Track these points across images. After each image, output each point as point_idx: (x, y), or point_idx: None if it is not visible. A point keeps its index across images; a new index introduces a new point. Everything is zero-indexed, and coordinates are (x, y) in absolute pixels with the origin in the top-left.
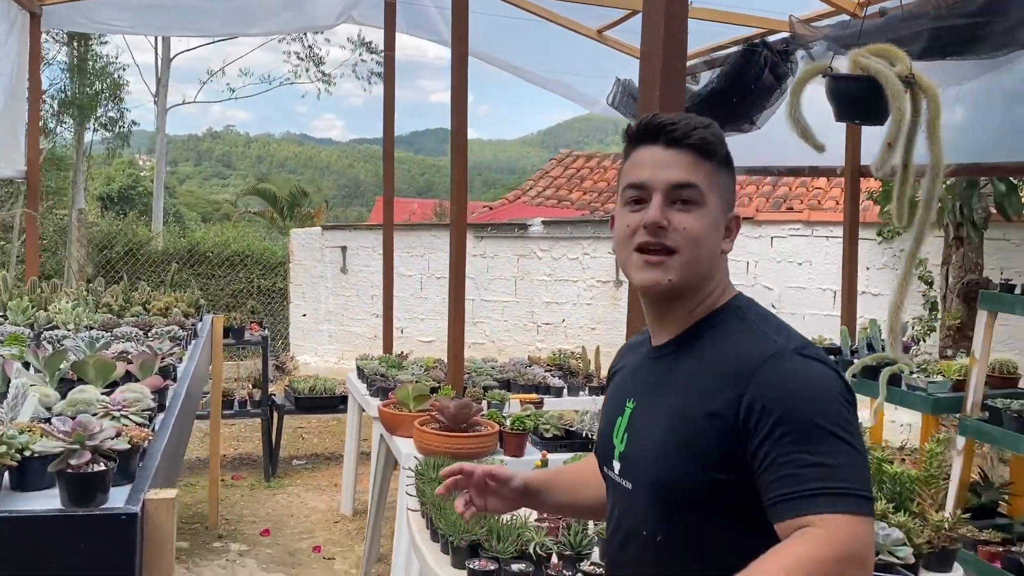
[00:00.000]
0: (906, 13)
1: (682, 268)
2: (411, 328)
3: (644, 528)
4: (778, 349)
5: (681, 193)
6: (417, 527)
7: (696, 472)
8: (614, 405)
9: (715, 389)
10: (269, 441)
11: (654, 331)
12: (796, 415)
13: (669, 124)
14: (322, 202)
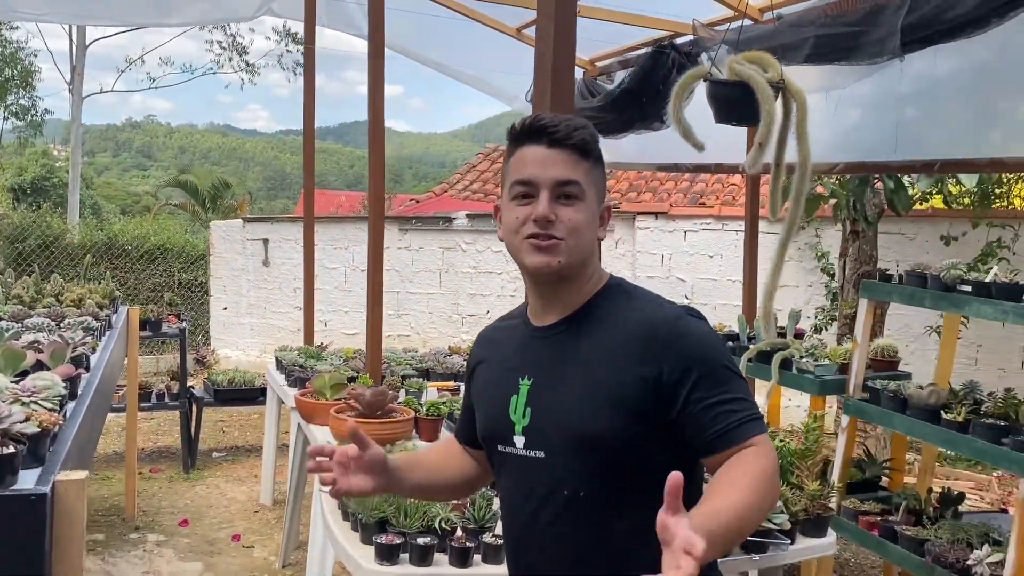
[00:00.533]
0: (795, 20)
1: (567, 253)
2: (335, 321)
3: (566, 488)
4: (676, 314)
5: (565, 189)
6: (329, 508)
7: (623, 427)
8: (502, 387)
9: (632, 352)
10: (188, 433)
11: (539, 313)
12: (709, 364)
13: (551, 126)
14: (246, 194)
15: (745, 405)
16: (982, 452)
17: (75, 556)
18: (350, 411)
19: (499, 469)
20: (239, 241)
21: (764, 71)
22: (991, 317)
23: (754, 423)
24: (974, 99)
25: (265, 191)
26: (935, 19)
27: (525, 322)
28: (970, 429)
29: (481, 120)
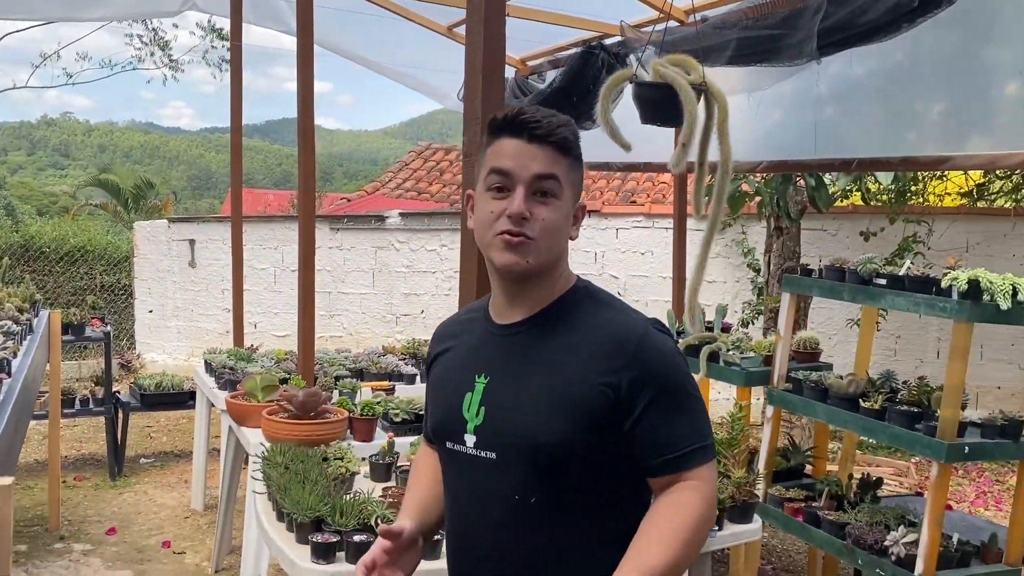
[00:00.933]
0: (718, 22)
1: (539, 252)
2: (265, 323)
3: (516, 493)
4: (644, 328)
5: (542, 184)
6: (263, 509)
7: (578, 436)
8: (457, 383)
9: (596, 361)
10: (114, 440)
11: (502, 311)
12: (669, 384)
13: (533, 121)
14: (170, 194)
15: (696, 431)
16: (898, 438)
17: (2, 564)
18: (283, 413)
19: (447, 466)
20: (164, 242)
21: (687, 73)
22: (904, 308)
23: (701, 451)
24: (888, 100)
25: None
26: (849, 24)
27: (486, 317)
28: (886, 416)
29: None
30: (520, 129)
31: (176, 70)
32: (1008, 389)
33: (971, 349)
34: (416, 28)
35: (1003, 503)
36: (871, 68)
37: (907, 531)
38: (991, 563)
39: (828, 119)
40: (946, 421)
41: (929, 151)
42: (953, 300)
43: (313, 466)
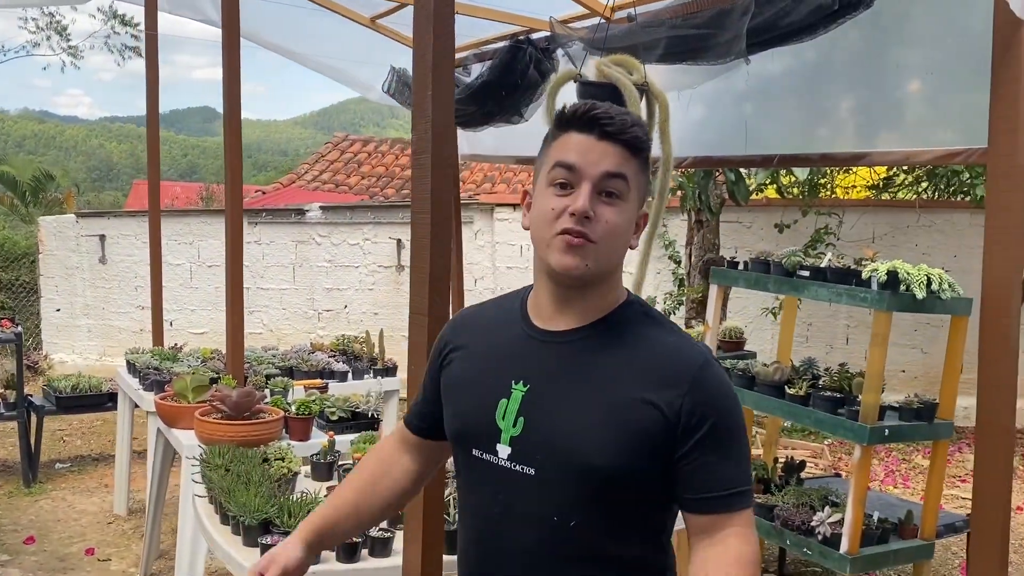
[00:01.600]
0: (648, 21)
1: (599, 257)
2: (181, 320)
3: (556, 515)
4: (705, 357)
5: (609, 184)
6: (205, 512)
7: (630, 460)
8: (488, 386)
9: (652, 384)
10: (27, 444)
11: (548, 315)
12: (722, 423)
13: (605, 117)
14: (71, 186)
15: (742, 474)
16: (821, 422)
17: None
18: (216, 413)
19: (467, 473)
20: (72, 238)
21: (630, 73)
22: (827, 299)
23: (743, 496)
24: (802, 97)
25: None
26: (773, 25)
27: (524, 318)
28: (811, 402)
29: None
30: (591, 124)
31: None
32: (911, 372)
33: None
34: (339, 20)
35: (910, 481)
36: (787, 66)
37: (832, 511)
38: (908, 538)
39: (748, 116)
40: (868, 406)
41: (842, 147)
42: (873, 291)
43: (254, 467)
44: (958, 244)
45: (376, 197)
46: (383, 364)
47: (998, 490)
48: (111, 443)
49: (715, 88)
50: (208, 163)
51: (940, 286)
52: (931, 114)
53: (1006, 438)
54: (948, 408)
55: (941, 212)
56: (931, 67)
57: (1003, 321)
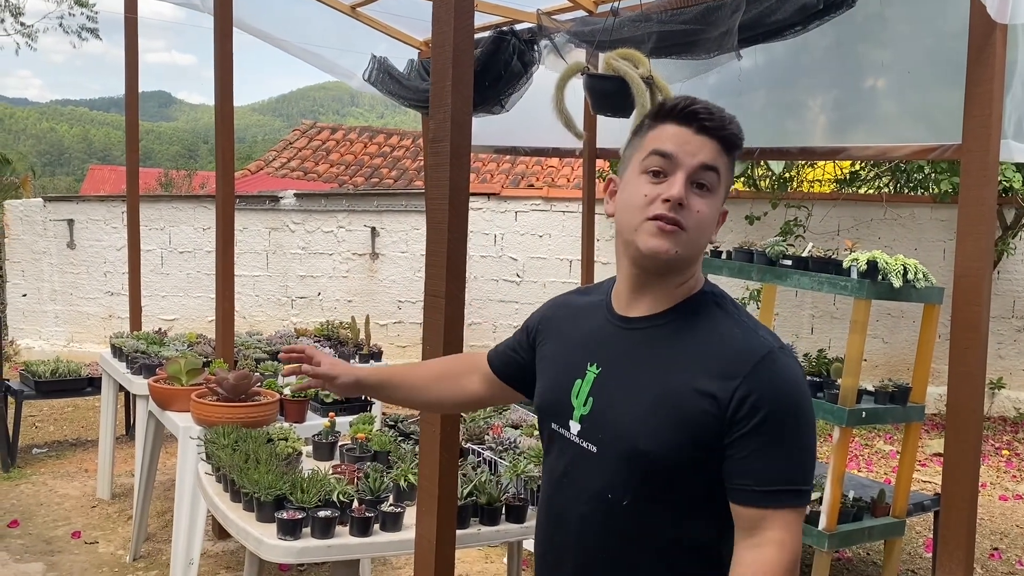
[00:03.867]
0: (637, 15)
1: (688, 245)
2: (152, 306)
3: (610, 492)
4: (770, 348)
5: (703, 176)
6: (214, 491)
7: (678, 447)
8: (569, 365)
9: (710, 374)
10: (5, 429)
11: (626, 302)
12: (779, 415)
13: (705, 112)
14: (28, 170)
15: (795, 472)
16: None
17: None
18: (212, 396)
19: (549, 443)
20: (39, 222)
21: (636, 67)
22: (809, 287)
23: (794, 495)
24: (776, 93)
25: (41, 166)
26: (759, 22)
27: (607, 305)
28: None
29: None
30: (690, 118)
31: (31, 38)
32: (873, 361)
33: (843, 325)
34: (320, 7)
35: (873, 465)
36: (760, 62)
37: None
38: (880, 516)
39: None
40: (847, 389)
41: (812, 142)
42: (854, 279)
43: (261, 446)
44: (919, 237)
45: (345, 185)
46: (368, 349)
47: (967, 472)
48: (85, 428)
49: (692, 83)
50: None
51: (915, 276)
52: (901, 111)
53: (975, 423)
54: (920, 393)
55: (904, 206)
56: (903, 66)
57: (974, 309)
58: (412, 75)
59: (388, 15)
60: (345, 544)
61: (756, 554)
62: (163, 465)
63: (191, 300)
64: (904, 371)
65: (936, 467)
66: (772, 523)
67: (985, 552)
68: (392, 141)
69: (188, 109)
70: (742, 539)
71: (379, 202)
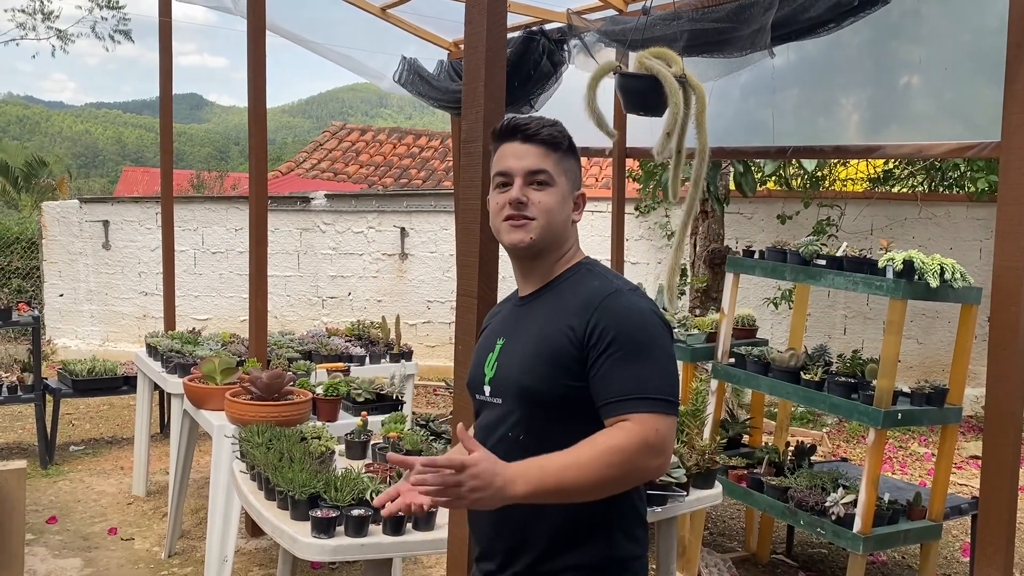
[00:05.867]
0: (668, 14)
1: (539, 230)
2: (185, 306)
3: (511, 431)
4: (617, 287)
5: (535, 177)
6: (249, 489)
7: (554, 380)
8: (485, 347)
9: (569, 316)
10: (44, 427)
11: (521, 286)
12: (625, 335)
13: (523, 125)
14: (64, 172)
15: (646, 383)
16: (836, 407)
17: (16, 545)
18: (246, 395)
19: (476, 413)
20: (76, 223)
21: (669, 66)
22: (843, 287)
23: (647, 402)
24: (811, 91)
25: (76, 168)
26: (792, 19)
27: (515, 294)
28: (825, 387)
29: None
30: (514, 133)
31: (65, 41)
32: (907, 362)
33: (876, 325)
34: (351, 9)
35: (907, 467)
36: (794, 60)
37: (844, 493)
38: (916, 519)
39: (752, 107)
40: (882, 390)
41: (848, 140)
42: (889, 279)
43: (295, 445)
44: (954, 237)
45: (375, 186)
46: (399, 349)
47: (1006, 474)
48: (121, 426)
49: (725, 81)
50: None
51: (952, 275)
52: (936, 108)
53: (1014, 424)
54: (958, 394)
55: (939, 205)
56: (939, 63)
57: (1012, 310)
58: (442, 76)
59: (418, 16)
60: (378, 543)
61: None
62: (197, 463)
63: (223, 300)
64: (939, 372)
65: (973, 470)
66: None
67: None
68: (421, 142)
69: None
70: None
71: (408, 203)
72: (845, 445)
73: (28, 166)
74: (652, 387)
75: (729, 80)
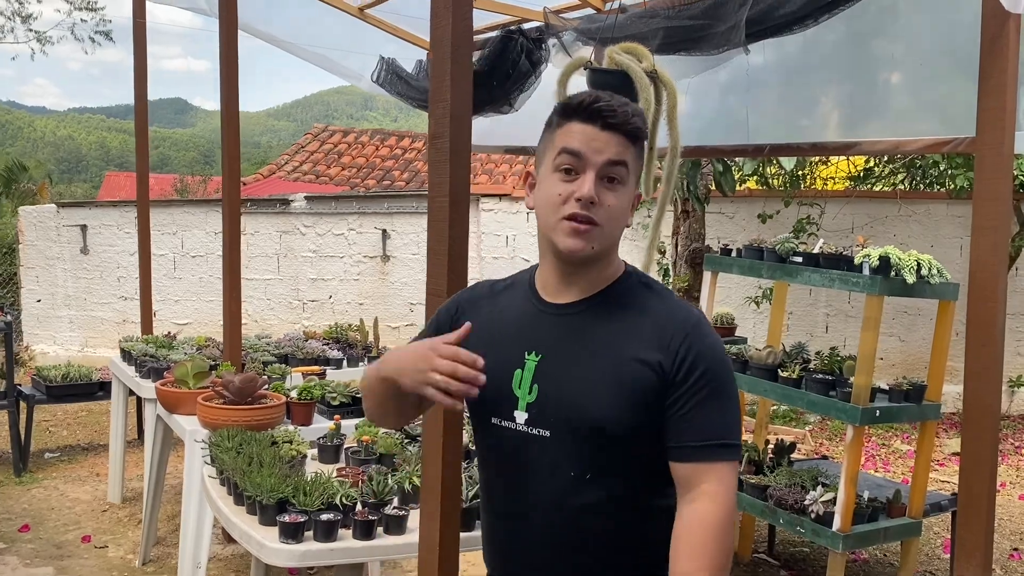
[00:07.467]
0: (644, 12)
1: (601, 239)
2: (165, 310)
3: (574, 470)
4: (698, 317)
5: (612, 171)
6: (218, 494)
7: (634, 414)
8: (502, 358)
9: (649, 345)
10: (17, 434)
11: (554, 290)
12: (712, 373)
13: (607, 109)
14: (45, 177)
15: (727, 428)
16: (814, 404)
17: None
18: (219, 399)
19: (486, 441)
20: (53, 228)
21: (639, 61)
22: (820, 284)
23: (726, 449)
24: (788, 88)
25: (59, 174)
26: (767, 16)
27: (532, 294)
28: (803, 384)
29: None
30: (595, 116)
31: (44, 43)
32: (889, 360)
33: (858, 323)
34: (327, 8)
35: (890, 465)
36: (771, 57)
37: (824, 491)
38: (896, 517)
39: (732, 107)
40: (860, 387)
41: (826, 137)
42: (865, 275)
43: (265, 449)
44: (935, 234)
45: (357, 188)
46: (377, 351)
47: (984, 471)
48: (98, 433)
49: (702, 79)
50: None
51: (929, 271)
52: (914, 104)
53: (992, 421)
54: (936, 390)
55: (919, 203)
56: (916, 58)
57: (989, 306)
58: (421, 76)
59: (396, 16)
60: (348, 547)
61: (692, 508)
62: (174, 468)
63: (204, 304)
64: (921, 370)
65: (955, 467)
66: (706, 477)
67: (1005, 553)
68: (404, 144)
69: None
70: (681, 496)
71: (389, 204)
72: (828, 443)
73: (8, 171)
74: (733, 432)
75: (707, 78)
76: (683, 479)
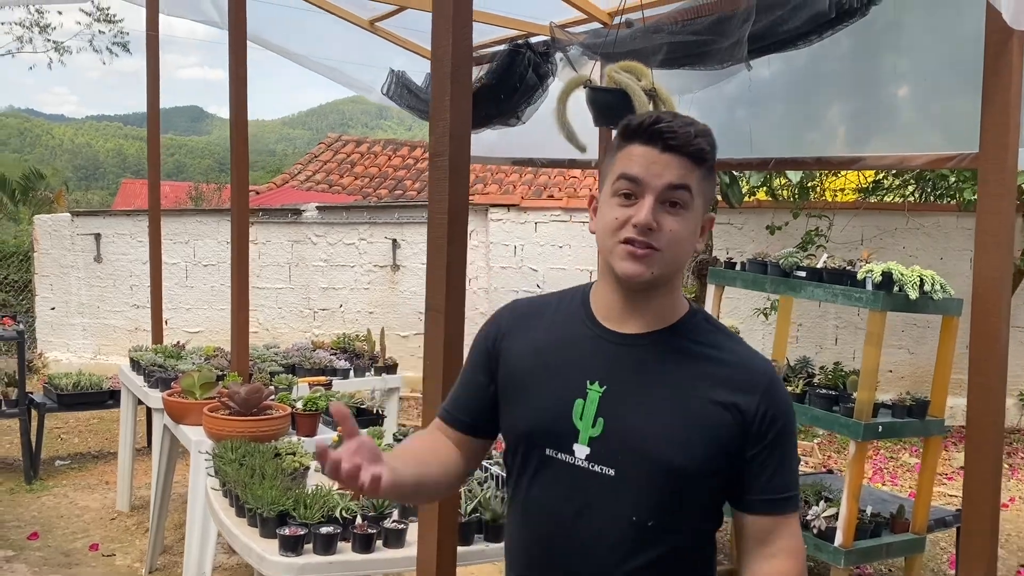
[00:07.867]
0: (649, 27)
1: (662, 265)
2: (177, 319)
3: (635, 514)
4: (773, 369)
5: (673, 195)
6: (220, 505)
7: (713, 461)
8: (559, 385)
9: (727, 388)
10: (28, 442)
11: (618, 318)
12: (786, 428)
13: (669, 131)
14: (62, 185)
15: (795, 480)
16: (817, 419)
17: None
18: (224, 409)
19: (537, 471)
20: (67, 236)
21: (638, 79)
22: (823, 299)
23: (795, 500)
24: (795, 102)
25: (76, 181)
26: (770, 32)
27: (588, 317)
28: (807, 399)
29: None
30: (655, 137)
31: (62, 53)
32: (898, 372)
33: None
34: (339, 21)
35: (898, 479)
36: (779, 72)
37: (826, 506)
38: (900, 532)
39: (739, 120)
40: (862, 403)
41: (832, 151)
42: (868, 291)
43: (267, 461)
44: (944, 247)
45: (369, 198)
46: (384, 362)
47: (988, 486)
48: (109, 440)
49: (707, 93)
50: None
51: (932, 287)
52: (920, 119)
53: (995, 436)
54: (939, 406)
55: (928, 215)
56: (921, 73)
57: (992, 321)
58: (429, 89)
59: (406, 29)
60: (347, 560)
61: (773, 565)
62: (182, 477)
63: (215, 312)
64: (930, 383)
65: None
66: (783, 531)
67: (1012, 569)
68: (416, 153)
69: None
70: (755, 549)
71: (400, 214)
72: (836, 455)
73: (26, 179)
74: (796, 483)
75: (712, 92)
76: (759, 531)
